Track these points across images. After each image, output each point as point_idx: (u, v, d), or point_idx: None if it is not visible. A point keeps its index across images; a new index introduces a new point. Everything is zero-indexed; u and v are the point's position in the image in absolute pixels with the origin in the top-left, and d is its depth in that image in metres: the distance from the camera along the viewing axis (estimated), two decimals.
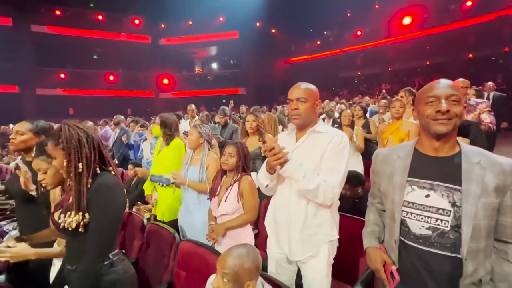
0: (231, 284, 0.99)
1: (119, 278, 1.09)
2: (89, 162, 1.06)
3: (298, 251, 1.33)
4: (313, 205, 1.30)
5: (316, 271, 1.34)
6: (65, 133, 1.05)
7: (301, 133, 1.39)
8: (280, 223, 1.39)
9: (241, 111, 6.42)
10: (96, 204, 1.03)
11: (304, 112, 1.31)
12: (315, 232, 1.31)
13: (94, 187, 1.05)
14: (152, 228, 2.00)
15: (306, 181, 1.21)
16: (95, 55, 17.02)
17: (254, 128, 2.61)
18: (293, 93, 1.33)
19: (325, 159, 1.28)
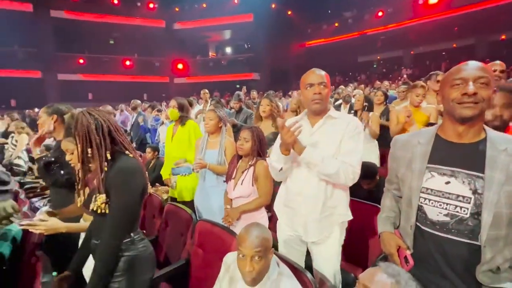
0: (262, 260, 1.03)
1: (138, 255, 1.16)
2: (99, 147, 1.10)
3: (314, 232, 1.36)
4: (330, 187, 1.34)
5: (328, 251, 1.38)
6: (77, 120, 1.11)
7: (316, 118, 1.39)
8: (295, 207, 1.40)
9: (252, 97, 6.37)
10: (115, 188, 1.08)
11: (326, 97, 1.34)
12: (331, 213, 1.35)
13: (114, 171, 1.09)
14: (170, 208, 2.10)
15: (326, 164, 1.24)
16: (112, 40, 17.26)
17: (267, 112, 2.60)
18: (314, 77, 1.33)
19: (344, 143, 1.31)
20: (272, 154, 1.45)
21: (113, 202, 1.08)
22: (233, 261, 1.20)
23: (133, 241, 1.16)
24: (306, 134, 1.34)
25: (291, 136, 1.20)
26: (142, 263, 1.17)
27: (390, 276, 0.87)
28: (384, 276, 0.88)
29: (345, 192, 1.39)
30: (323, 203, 1.33)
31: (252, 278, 1.02)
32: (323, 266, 1.39)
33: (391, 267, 0.91)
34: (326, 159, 1.25)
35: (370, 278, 0.89)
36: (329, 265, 1.39)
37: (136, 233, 1.18)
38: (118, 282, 1.11)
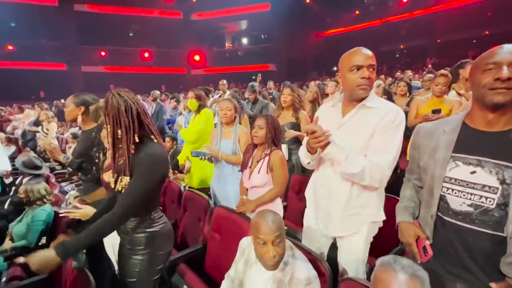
0: (282, 242, 1.06)
1: (158, 231, 1.23)
2: (127, 129, 1.10)
3: (336, 228, 1.31)
4: (358, 186, 1.22)
5: (353, 247, 1.31)
6: (107, 101, 1.12)
7: (349, 106, 1.24)
8: (320, 200, 1.36)
9: (269, 87, 6.32)
10: (139, 171, 1.11)
11: (373, 82, 1.18)
12: (359, 213, 1.26)
13: (141, 155, 1.12)
14: (188, 194, 2.17)
15: (349, 163, 1.13)
16: (131, 33, 17.62)
17: (288, 102, 2.58)
18: (362, 58, 1.15)
19: (375, 138, 1.16)
20: (302, 147, 1.41)
21: (132, 184, 1.11)
22: (247, 245, 1.24)
23: (154, 219, 1.23)
24: (335, 125, 1.23)
25: (316, 143, 1.10)
26: (161, 238, 1.24)
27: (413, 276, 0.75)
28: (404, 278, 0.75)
29: (377, 192, 1.26)
30: (347, 201, 1.24)
31: (276, 262, 1.05)
32: (346, 260, 1.35)
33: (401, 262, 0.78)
34: (351, 158, 1.13)
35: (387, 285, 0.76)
36: (352, 261, 1.32)
37: (156, 211, 1.25)
38: (141, 255, 1.19)
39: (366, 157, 1.17)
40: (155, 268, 1.23)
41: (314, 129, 1.11)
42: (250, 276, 1.16)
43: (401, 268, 0.76)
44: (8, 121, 7.07)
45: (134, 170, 1.12)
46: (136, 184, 1.10)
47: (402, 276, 0.75)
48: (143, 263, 1.19)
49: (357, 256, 1.31)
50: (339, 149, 1.14)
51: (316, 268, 1.14)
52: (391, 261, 0.79)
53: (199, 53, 17.34)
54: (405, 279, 0.74)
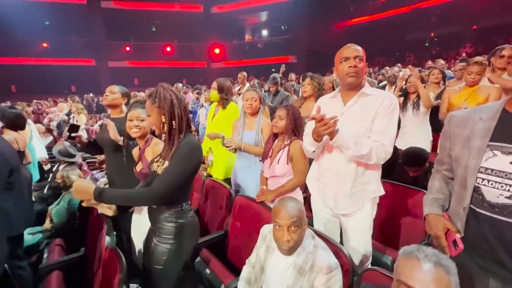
0: (299, 229, 1.07)
1: (187, 223, 1.29)
2: (180, 120, 1.19)
3: (344, 206, 1.41)
4: (362, 165, 1.35)
5: (359, 223, 1.41)
6: (160, 93, 1.18)
7: (349, 96, 1.37)
8: (327, 182, 1.45)
9: (291, 79, 6.23)
10: (177, 156, 1.17)
11: (361, 71, 1.31)
12: (363, 189, 1.38)
13: (182, 142, 1.19)
14: (210, 183, 2.23)
15: (358, 147, 1.25)
16: (154, 27, 18.06)
17: (308, 92, 2.54)
18: (349, 51, 1.31)
19: (376, 121, 1.30)
20: (305, 136, 1.47)
21: (171, 166, 1.17)
22: (269, 231, 1.26)
23: (184, 211, 1.28)
24: (338, 113, 1.31)
25: (325, 129, 1.19)
26: (189, 230, 1.29)
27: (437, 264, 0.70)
28: (428, 266, 0.70)
29: (377, 170, 1.41)
30: (353, 180, 1.36)
31: (289, 247, 1.07)
32: (353, 237, 1.43)
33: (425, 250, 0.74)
34: (359, 142, 1.25)
35: (410, 274, 0.71)
36: (359, 236, 1.42)
37: (186, 203, 1.30)
38: (170, 244, 1.24)
39: (370, 138, 1.29)
40: (182, 260, 1.28)
41: (322, 116, 1.20)
42: (271, 262, 1.18)
43: (425, 257, 0.72)
44: (44, 113, 7.62)
45: (173, 156, 1.18)
46: (174, 167, 1.16)
47: (426, 265, 0.71)
48: (171, 252, 1.24)
49: (364, 233, 1.42)
50: (347, 135, 1.25)
51: (337, 257, 1.13)
52: (414, 250, 0.76)
53: (219, 46, 17.43)
54: (429, 267, 0.70)
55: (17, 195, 1.70)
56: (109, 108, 2.04)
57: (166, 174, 1.17)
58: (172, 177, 1.16)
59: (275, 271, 1.15)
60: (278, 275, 1.13)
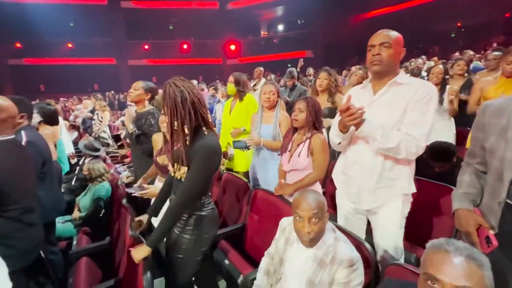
0: (320, 221, 1.06)
1: (206, 215, 1.32)
2: (183, 121, 1.14)
3: (368, 200, 1.34)
4: (390, 159, 1.27)
5: (387, 220, 1.33)
6: (165, 92, 1.15)
7: (379, 85, 1.29)
8: (351, 175, 1.39)
9: (308, 73, 6.14)
10: (197, 162, 1.17)
11: (387, 59, 1.22)
12: (391, 185, 1.30)
13: (198, 145, 1.17)
14: (227, 177, 2.26)
15: (385, 139, 1.18)
16: (171, 26, 18.39)
17: (324, 86, 2.49)
18: (375, 39, 1.24)
19: (409, 112, 1.20)
20: (332, 127, 1.43)
21: (191, 173, 1.19)
22: (288, 224, 1.26)
23: (203, 204, 1.31)
24: (366, 104, 1.26)
25: (351, 120, 1.16)
26: (208, 222, 1.32)
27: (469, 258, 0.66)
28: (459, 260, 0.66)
29: (408, 166, 1.30)
30: (379, 174, 1.29)
31: (310, 238, 1.06)
32: (383, 235, 1.35)
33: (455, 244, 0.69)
34: (386, 133, 1.18)
35: (439, 267, 0.68)
36: (389, 234, 1.34)
37: (206, 196, 1.33)
38: (189, 235, 1.28)
39: (400, 131, 1.20)
40: (200, 249, 1.32)
41: (348, 105, 1.17)
42: (291, 253, 1.18)
43: (455, 250, 0.67)
44: (70, 110, 8.02)
45: (192, 160, 1.18)
46: (195, 174, 1.18)
47: (456, 258, 0.66)
48: (190, 242, 1.28)
49: (393, 230, 1.32)
50: (374, 126, 1.19)
51: (359, 251, 1.11)
52: (443, 243, 0.71)
53: (234, 42, 17.46)
54: (460, 261, 0.65)
55: (48, 185, 1.81)
56: (135, 104, 2.13)
57: (188, 181, 1.20)
58: (194, 184, 1.20)
59: (295, 263, 1.15)
60: (298, 267, 1.13)
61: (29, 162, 1.42)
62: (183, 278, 1.31)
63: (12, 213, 1.23)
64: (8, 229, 1.21)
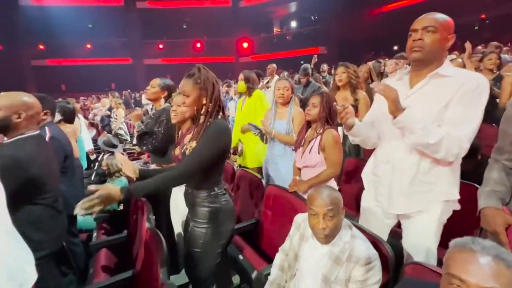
0: (335, 218, 1.04)
1: (222, 207, 1.31)
2: (215, 102, 1.21)
3: (400, 205, 1.22)
4: (427, 160, 1.13)
5: (421, 227, 1.19)
6: (203, 74, 1.20)
7: (418, 77, 1.14)
8: (381, 176, 1.28)
9: (322, 69, 6.04)
10: (205, 137, 1.19)
11: (430, 45, 1.07)
12: (428, 189, 1.16)
13: (212, 124, 1.20)
14: (241, 173, 2.27)
15: (426, 133, 1.03)
16: (185, 25, 18.64)
17: (343, 80, 2.44)
18: (418, 22, 1.10)
19: (452, 108, 1.05)
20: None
21: (197, 147, 1.20)
22: (303, 220, 1.25)
23: (217, 195, 1.30)
24: (401, 97, 1.12)
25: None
26: (224, 214, 1.31)
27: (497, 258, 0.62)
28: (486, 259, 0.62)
29: (450, 168, 1.14)
30: (413, 176, 1.16)
31: (325, 235, 1.04)
32: (414, 242, 1.22)
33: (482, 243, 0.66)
34: (427, 127, 1.04)
35: (464, 267, 0.64)
36: (421, 242, 1.19)
37: (219, 188, 1.31)
38: (206, 228, 1.28)
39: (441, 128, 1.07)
40: (218, 242, 1.32)
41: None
42: (306, 250, 1.16)
43: (482, 249, 0.64)
44: (90, 109, 8.32)
45: (202, 136, 1.21)
46: (200, 147, 1.19)
47: (483, 258, 0.62)
48: (207, 236, 1.28)
49: (427, 239, 1.18)
50: (414, 117, 1.05)
51: (376, 249, 1.08)
52: (468, 242, 0.67)
53: (247, 40, 17.46)
54: (487, 261, 0.61)
55: (70, 179, 1.89)
56: (151, 101, 2.17)
57: (193, 152, 1.19)
58: (199, 154, 1.17)
59: (310, 260, 1.14)
60: (313, 263, 1.12)
61: (54, 156, 1.49)
62: (203, 272, 1.32)
63: (47, 200, 1.33)
64: (45, 215, 1.31)
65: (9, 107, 1.25)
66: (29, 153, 1.23)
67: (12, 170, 0.91)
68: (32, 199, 1.26)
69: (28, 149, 1.25)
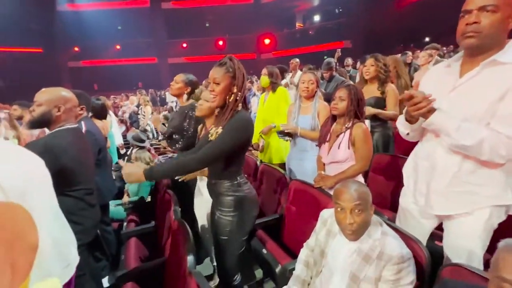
0: (363, 213, 1.01)
1: (245, 196, 1.33)
2: (243, 92, 1.24)
3: (438, 205, 1.14)
4: (471, 161, 1.02)
5: (466, 229, 1.09)
6: (235, 65, 1.23)
7: (470, 64, 1.01)
8: (420, 173, 1.20)
9: (347, 64, 5.83)
10: (227, 127, 1.21)
11: (488, 28, 0.92)
12: (472, 191, 1.05)
13: (236, 116, 1.22)
14: (264, 168, 2.26)
15: (462, 134, 0.95)
16: (207, 23, 18.94)
17: (371, 73, 2.32)
18: (472, 1, 0.95)
19: (507, 102, 0.91)
20: (400, 116, 1.27)
21: (219, 137, 1.21)
22: (329, 216, 1.21)
23: (240, 184, 1.33)
24: (448, 88, 1.04)
25: (415, 110, 0.99)
26: (248, 203, 1.34)
27: None
28: None
29: (501, 170, 1.01)
30: (453, 175, 1.06)
31: (353, 230, 1.01)
32: (455, 244, 1.12)
33: None
34: (464, 128, 0.95)
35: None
36: (464, 244, 1.09)
37: (241, 177, 1.34)
38: (231, 216, 1.31)
39: (490, 126, 0.95)
40: (244, 230, 1.36)
41: (411, 93, 0.99)
42: (333, 246, 1.13)
43: None
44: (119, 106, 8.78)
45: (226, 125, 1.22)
46: (224, 136, 1.20)
47: None
48: (233, 224, 1.31)
49: (471, 241, 1.07)
50: (448, 117, 0.98)
51: (410, 249, 1.02)
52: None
53: (269, 36, 17.35)
54: None
55: (103, 171, 2.00)
56: (175, 97, 2.22)
57: (215, 140, 1.21)
58: (222, 142, 1.19)
59: (337, 256, 1.10)
60: (341, 260, 1.08)
61: (89, 149, 1.58)
62: (230, 259, 1.36)
63: (77, 193, 1.39)
64: (74, 207, 1.37)
65: (49, 102, 1.34)
66: (61, 143, 1.29)
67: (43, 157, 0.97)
68: (62, 189, 1.27)
69: (62, 139, 1.31)
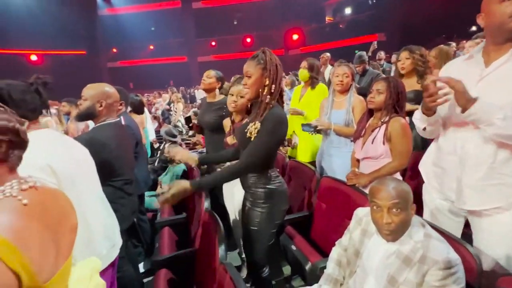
0: (402, 213, 0.94)
1: (276, 188, 1.33)
2: (279, 85, 1.23)
3: (472, 200, 1.09)
4: (507, 150, 0.99)
5: (497, 227, 1.05)
6: (267, 56, 1.21)
7: (497, 53, 0.99)
8: (447, 168, 1.16)
9: (379, 58, 5.53)
10: (266, 126, 1.20)
11: None
12: (508, 183, 1.02)
13: (271, 112, 1.20)
14: (293, 164, 2.23)
15: (508, 123, 0.91)
16: (235, 21, 19.12)
17: (407, 67, 2.16)
18: None
19: None
20: (417, 110, 1.23)
21: (259, 138, 1.21)
22: (365, 214, 1.15)
23: (271, 177, 1.33)
24: (474, 79, 1.02)
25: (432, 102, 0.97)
26: (278, 196, 1.34)
27: None
28: None
29: None
30: (489, 167, 1.02)
31: (391, 230, 0.94)
32: (487, 245, 1.08)
33: None
34: (509, 116, 0.90)
35: None
36: (496, 245, 1.06)
37: (272, 170, 1.34)
38: (261, 208, 1.32)
39: None
40: (274, 222, 1.36)
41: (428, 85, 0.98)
42: (369, 246, 1.07)
43: None
44: (152, 103, 9.25)
45: (262, 125, 1.21)
46: (263, 137, 1.21)
47: None
48: (263, 215, 1.32)
49: (504, 242, 1.04)
50: (490, 106, 0.94)
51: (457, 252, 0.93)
52: None
53: (297, 31, 17.02)
54: None
55: (139, 163, 2.12)
56: (206, 92, 2.25)
57: (255, 145, 1.22)
58: (262, 147, 1.21)
59: (374, 258, 1.04)
60: (377, 261, 1.02)
61: (129, 142, 1.67)
62: (259, 250, 1.38)
63: (117, 183, 1.48)
64: (114, 196, 1.46)
65: (92, 97, 1.44)
66: (101, 139, 1.38)
67: None
68: (103, 180, 1.33)
69: (102, 134, 1.40)
